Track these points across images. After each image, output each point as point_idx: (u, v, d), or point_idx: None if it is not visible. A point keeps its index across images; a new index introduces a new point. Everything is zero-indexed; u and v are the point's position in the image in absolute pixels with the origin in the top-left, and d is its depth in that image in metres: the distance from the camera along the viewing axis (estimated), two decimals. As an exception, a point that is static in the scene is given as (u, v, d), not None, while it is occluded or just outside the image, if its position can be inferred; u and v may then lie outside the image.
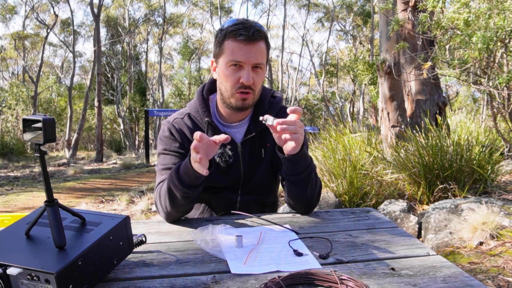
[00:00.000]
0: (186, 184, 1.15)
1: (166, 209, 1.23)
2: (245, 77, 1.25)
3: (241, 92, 1.28)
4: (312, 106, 28.96)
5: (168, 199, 1.21)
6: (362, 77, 11.39)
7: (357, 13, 26.10)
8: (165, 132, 1.40)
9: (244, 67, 1.25)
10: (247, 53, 1.24)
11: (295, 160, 1.21)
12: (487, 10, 3.39)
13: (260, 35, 1.24)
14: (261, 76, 1.30)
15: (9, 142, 16.32)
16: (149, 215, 4.87)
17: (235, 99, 1.30)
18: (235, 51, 1.24)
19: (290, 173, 1.25)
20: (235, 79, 1.27)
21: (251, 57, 1.24)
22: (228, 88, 1.29)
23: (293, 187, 1.28)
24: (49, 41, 26.67)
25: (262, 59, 1.27)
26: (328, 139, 4.52)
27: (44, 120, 0.77)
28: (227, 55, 1.26)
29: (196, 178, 1.14)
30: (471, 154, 3.62)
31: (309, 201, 1.32)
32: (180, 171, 1.17)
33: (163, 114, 14.21)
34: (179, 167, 1.18)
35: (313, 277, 0.84)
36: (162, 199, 1.23)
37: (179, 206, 1.22)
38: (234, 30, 1.23)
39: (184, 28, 30.93)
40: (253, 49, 1.24)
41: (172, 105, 29.12)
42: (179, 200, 1.19)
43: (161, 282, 0.86)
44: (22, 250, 0.81)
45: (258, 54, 1.25)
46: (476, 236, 2.44)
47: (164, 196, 1.22)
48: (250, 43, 1.23)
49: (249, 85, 1.26)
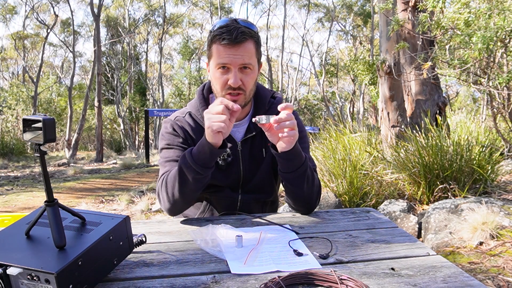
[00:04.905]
0: (200, 162, 1.18)
1: (172, 197, 1.24)
2: (232, 79, 1.26)
3: (230, 94, 1.29)
4: (312, 106, 28.96)
5: (178, 183, 1.22)
6: (362, 77, 11.40)
7: (357, 13, 26.12)
8: (168, 129, 1.41)
9: (231, 69, 1.27)
10: (232, 55, 1.25)
11: (288, 157, 1.22)
12: (487, 10, 3.39)
13: (244, 37, 1.25)
14: (251, 76, 1.30)
15: (9, 142, 16.32)
16: (149, 215, 4.87)
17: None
18: (221, 54, 1.26)
19: (284, 170, 1.27)
20: (223, 82, 1.28)
21: (237, 59, 1.25)
22: (218, 90, 1.31)
23: (289, 185, 1.30)
24: (49, 41, 26.71)
25: (249, 59, 1.27)
26: (328, 139, 4.52)
27: (44, 120, 0.77)
28: (215, 58, 1.28)
29: (211, 155, 1.17)
30: (471, 154, 3.62)
31: (308, 200, 1.33)
32: (193, 151, 1.20)
33: (163, 114, 14.23)
34: (191, 149, 1.21)
35: (313, 277, 0.84)
36: (170, 186, 1.24)
37: (188, 192, 1.23)
38: (218, 34, 1.25)
39: (184, 28, 30.96)
40: (238, 51, 1.25)
41: (172, 105, 29.13)
42: (189, 183, 1.20)
43: (161, 282, 0.86)
44: (22, 250, 0.81)
45: (244, 55, 1.26)
46: (476, 236, 2.44)
47: (172, 182, 1.24)
48: (235, 45, 1.24)
49: (237, 86, 1.27)
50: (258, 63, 1.33)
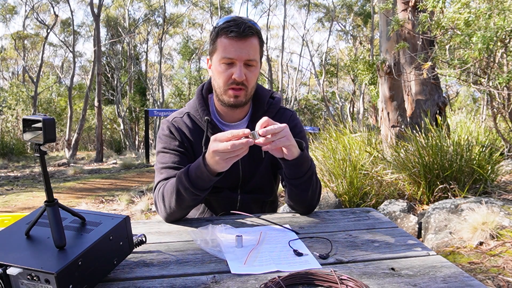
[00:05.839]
0: (199, 187, 1.16)
1: (169, 209, 1.23)
2: (237, 73, 1.25)
3: (233, 89, 1.29)
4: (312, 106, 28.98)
5: (175, 200, 1.20)
6: (362, 77, 11.40)
7: (357, 13, 26.11)
8: (164, 131, 1.40)
9: (236, 63, 1.26)
10: (239, 49, 1.24)
11: (297, 164, 1.20)
12: (487, 10, 3.39)
13: (251, 31, 1.25)
14: (254, 73, 1.30)
15: (9, 142, 16.33)
16: (149, 215, 4.87)
17: (227, 96, 1.31)
18: (227, 47, 1.25)
19: (292, 176, 1.25)
20: (228, 76, 1.27)
21: (243, 53, 1.25)
22: (221, 85, 1.30)
23: (295, 190, 1.28)
24: (49, 41, 26.70)
25: (254, 55, 1.27)
26: (328, 139, 4.52)
27: (44, 120, 0.77)
28: (220, 52, 1.27)
29: (209, 181, 1.15)
30: (471, 154, 3.61)
31: (310, 202, 1.33)
32: (191, 173, 1.16)
33: (163, 114, 14.22)
34: (188, 169, 1.17)
35: (313, 277, 0.84)
36: (167, 200, 1.23)
37: (186, 207, 1.23)
38: (226, 27, 1.24)
39: (184, 28, 30.94)
40: (245, 45, 1.25)
41: (172, 105, 29.13)
42: (187, 201, 1.19)
43: (161, 282, 0.86)
44: (22, 250, 0.81)
45: (250, 50, 1.26)
46: (476, 236, 2.44)
47: (169, 196, 1.22)
48: (242, 39, 1.24)
49: (241, 81, 1.27)
50: (260, 61, 1.33)
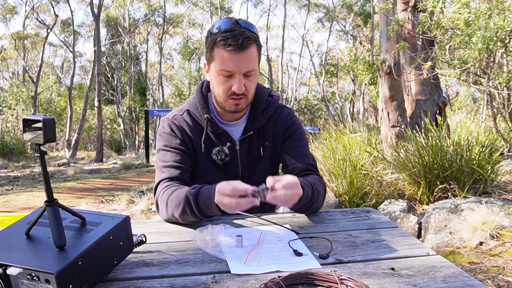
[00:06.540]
0: (206, 214, 1.16)
1: (171, 217, 1.22)
2: (236, 86, 1.25)
3: (233, 99, 1.29)
4: (312, 106, 28.98)
5: (178, 216, 1.19)
6: (362, 77, 11.39)
7: (357, 13, 26.11)
8: (165, 129, 1.39)
9: (235, 75, 1.25)
10: (238, 62, 1.22)
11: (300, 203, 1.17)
12: (487, 10, 3.39)
13: (249, 42, 1.22)
14: (253, 81, 1.30)
15: (9, 142, 16.31)
16: (149, 215, 4.87)
17: (228, 104, 1.32)
18: (225, 60, 1.22)
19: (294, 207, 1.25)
20: (227, 87, 1.27)
21: (242, 66, 1.23)
22: (221, 94, 1.30)
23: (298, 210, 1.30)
24: (49, 41, 26.70)
25: (253, 65, 1.25)
26: (328, 139, 4.52)
27: (44, 120, 0.76)
28: (218, 64, 1.24)
29: (217, 212, 1.14)
30: (471, 154, 3.61)
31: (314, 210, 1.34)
32: (200, 201, 1.14)
33: (163, 114, 14.19)
34: (197, 197, 1.14)
35: (313, 277, 0.84)
36: (170, 209, 1.21)
37: (188, 221, 1.23)
38: (223, 39, 1.20)
39: (184, 28, 30.97)
40: (243, 57, 1.22)
41: (172, 105, 29.14)
42: (191, 218, 1.19)
43: (161, 282, 0.86)
44: (22, 250, 0.81)
45: (249, 62, 1.24)
46: (476, 236, 2.44)
47: (173, 208, 1.19)
48: (240, 51, 1.21)
49: (241, 93, 1.27)
50: (258, 66, 1.33)
